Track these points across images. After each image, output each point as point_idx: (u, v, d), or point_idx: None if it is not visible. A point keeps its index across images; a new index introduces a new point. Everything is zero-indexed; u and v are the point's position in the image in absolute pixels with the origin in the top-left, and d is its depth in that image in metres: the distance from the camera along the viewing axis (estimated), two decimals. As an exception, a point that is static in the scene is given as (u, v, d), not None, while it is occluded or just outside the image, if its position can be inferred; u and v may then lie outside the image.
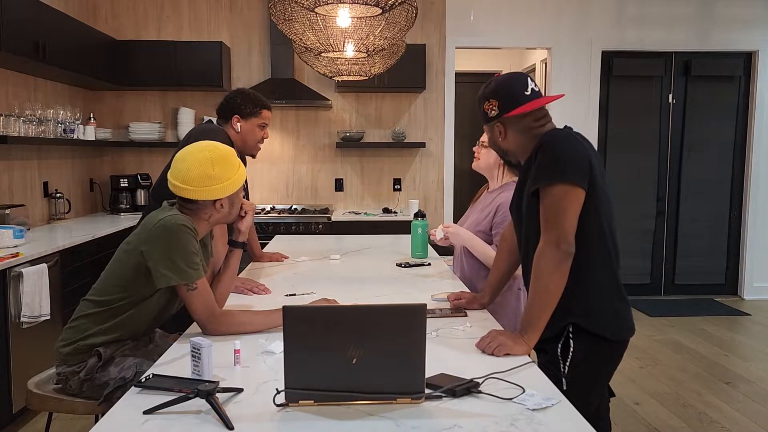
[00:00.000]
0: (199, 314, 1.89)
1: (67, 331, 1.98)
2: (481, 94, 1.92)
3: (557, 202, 1.74)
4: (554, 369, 1.83)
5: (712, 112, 6.08)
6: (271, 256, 3.20)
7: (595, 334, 1.80)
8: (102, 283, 1.97)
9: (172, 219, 1.87)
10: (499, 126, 1.89)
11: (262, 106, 2.84)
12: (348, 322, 1.39)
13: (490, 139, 1.98)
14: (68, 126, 4.61)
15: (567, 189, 1.73)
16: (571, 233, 1.74)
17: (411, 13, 2.65)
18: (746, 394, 3.80)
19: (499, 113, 1.87)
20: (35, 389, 2.04)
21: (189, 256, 1.86)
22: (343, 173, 5.88)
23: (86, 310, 1.96)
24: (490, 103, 1.88)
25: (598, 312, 1.81)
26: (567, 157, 1.75)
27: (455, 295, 2.29)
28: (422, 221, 3.18)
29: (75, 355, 1.95)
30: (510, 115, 1.85)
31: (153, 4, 5.59)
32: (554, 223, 1.74)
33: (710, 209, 6.18)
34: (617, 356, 1.89)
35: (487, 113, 1.90)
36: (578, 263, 1.77)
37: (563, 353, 1.82)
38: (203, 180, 1.90)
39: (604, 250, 1.82)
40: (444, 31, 5.78)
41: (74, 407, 1.99)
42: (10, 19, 3.57)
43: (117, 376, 1.91)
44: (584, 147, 1.80)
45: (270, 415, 1.36)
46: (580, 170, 1.74)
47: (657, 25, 5.90)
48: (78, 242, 3.86)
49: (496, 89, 1.88)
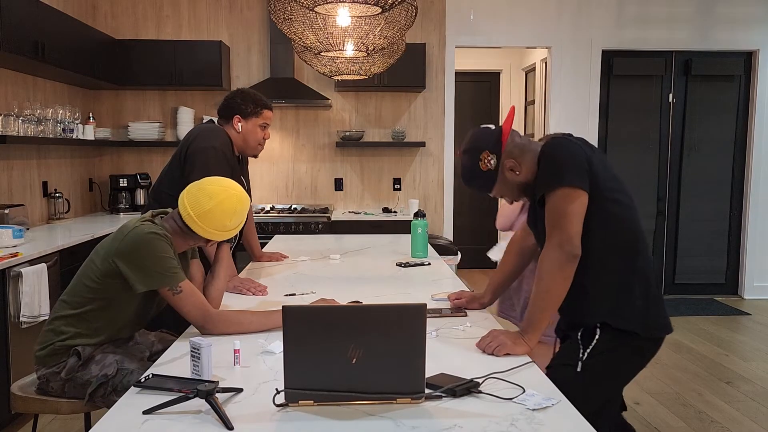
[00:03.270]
0: (192, 316, 1.88)
1: (44, 334, 1.97)
2: (469, 158, 1.89)
3: (559, 205, 1.76)
4: (572, 353, 1.83)
5: (713, 112, 6.08)
6: (270, 255, 3.20)
7: (623, 330, 1.80)
8: (74, 287, 1.97)
9: (143, 228, 1.88)
10: (508, 162, 1.87)
11: (263, 106, 2.83)
12: (348, 322, 1.38)
13: (508, 187, 1.92)
14: (67, 125, 4.60)
15: (567, 192, 1.75)
16: (574, 235, 1.75)
17: (411, 12, 2.65)
18: (746, 393, 3.80)
19: (497, 155, 1.86)
20: (18, 392, 2.03)
21: (164, 261, 1.85)
22: (342, 173, 5.88)
23: (61, 311, 1.96)
24: (482, 159, 1.87)
25: (624, 309, 1.81)
26: (565, 161, 1.78)
27: (455, 295, 2.29)
28: (422, 221, 3.17)
29: (52, 357, 1.94)
30: (504, 146, 1.85)
31: (152, 3, 5.58)
32: (557, 226, 1.76)
33: (710, 209, 6.17)
34: (647, 354, 1.88)
35: (490, 167, 1.87)
36: (593, 263, 1.78)
37: (586, 340, 1.82)
38: (218, 226, 1.94)
39: (619, 249, 1.82)
40: (444, 30, 5.77)
41: (58, 407, 1.98)
42: (10, 18, 3.56)
43: (99, 373, 1.90)
44: (582, 149, 1.81)
45: (270, 415, 1.35)
46: (578, 172, 1.76)
47: (657, 24, 5.89)
48: (77, 242, 3.86)
49: (475, 145, 1.88)
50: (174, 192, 2.70)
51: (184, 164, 2.68)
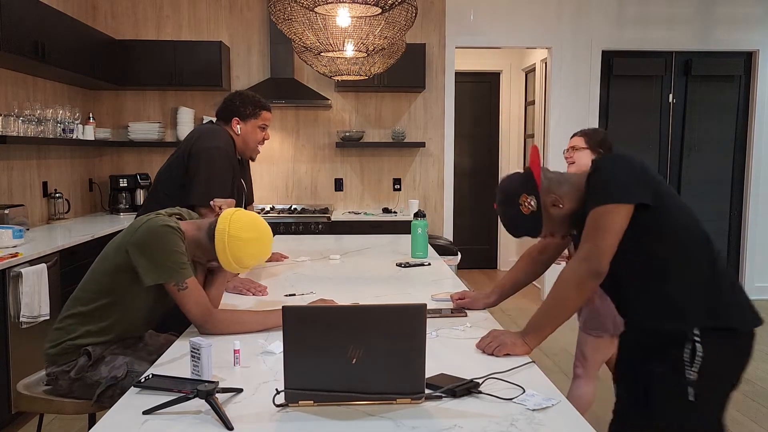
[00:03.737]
0: (193, 314, 1.88)
1: (55, 332, 1.97)
2: (511, 212, 1.83)
3: (597, 219, 1.72)
4: (676, 376, 1.72)
5: (713, 112, 6.08)
6: (272, 255, 3.20)
7: (725, 328, 1.72)
8: (88, 282, 1.97)
9: (158, 220, 1.88)
10: (548, 198, 1.82)
11: (262, 107, 2.84)
12: (348, 322, 1.38)
13: (557, 222, 1.86)
14: (67, 126, 4.60)
15: (610, 208, 1.70)
16: (604, 252, 1.70)
17: (411, 12, 2.65)
18: (746, 394, 3.80)
19: (535, 195, 1.80)
20: (24, 391, 2.03)
21: (175, 255, 1.85)
22: (342, 173, 5.88)
23: (73, 308, 1.96)
24: (522, 203, 1.81)
25: (718, 308, 1.74)
26: (615, 175, 1.74)
27: (458, 295, 2.29)
28: (422, 221, 3.17)
29: (63, 355, 1.94)
30: (539, 184, 1.81)
31: (152, 3, 5.58)
32: (590, 239, 1.72)
33: (710, 209, 6.17)
34: (747, 350, 1.80)
35: (533, 208, 1.81)
36: (675, 269, 1.73)
37: (690, 357, 1.71)
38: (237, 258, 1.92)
39: (697, 249, 1.76)
40: (444, 31, 5.77)
41: (63, 407, 1.98)
42: (10, 18, 3.57)
43: (108, 375, 1.91)
44: (636, 162, 1.76)
45: (269, 416, 1.35)
46: (627, 186, 1.71)
47: (657, 24, 5.89)
48: (77, 242, 3.86)
49: (511, 193, 1.83)
50: (172, 193, 2.69)
51: (188, 163, 2.68)
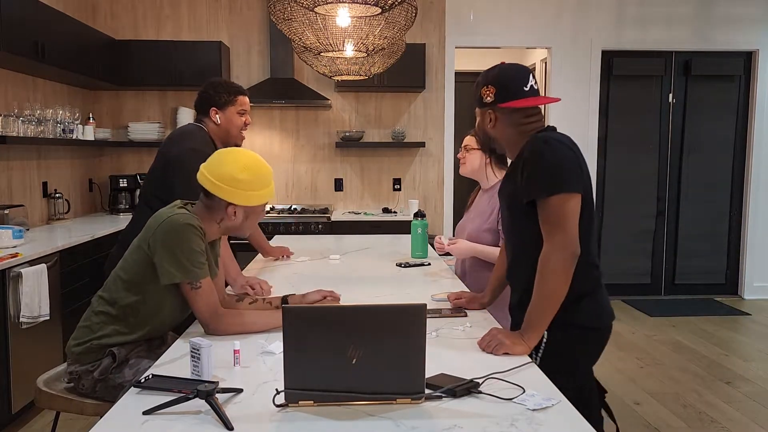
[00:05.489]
0: (202, 313, 1.89)
1: (80, 330, 1.97)
2: (482, 78, 1.93)
3: (559, 210, 1.75)
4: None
5: (712, 112, 6.08)
6: (280, 250, 3.25)
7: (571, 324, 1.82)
8: (110, 281, 1.98)
9: (179, 218, 1.88)
10: (491, 113, 1.91)
11: (237, 92, 2.83)
12: (348, 322, 1.38)
13: (479, 123, 1.98)
14: (67, 126, 4.60)
15: (566, 197, 1.75)
16: (575, 236, 1.75)
17: (411, 12, 2.65)
18: (746, 394, 3.80)
19: (494, 101, 1.88)
20: (44, 387, 2.01)
21: (194, 254, 1.86)
22: (342, 173, 5.88)
23: (98, 307, 1.97)
24: (488, 88, 1.89)
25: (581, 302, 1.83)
26: (562, 165, 1.77)
27: (455, 295, 2.30)
28: (422, 221, 3.17)
29: (88, 354, 1.94)
30: (504, 106, 1.87)
31: (152, 3, 5.58)
32: (560, 229, 1.75)
33: (710, 209, 6.17)
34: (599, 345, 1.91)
35: (483, 98, 1.91)
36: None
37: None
38: (227, 180, 1.91)
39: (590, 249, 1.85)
40: (444, 31, 5.77)
41: (84, 408, 1.97)
42: (9, 18, 3.56)
43: (132, 378, 1.89)
44: (573, 152, 1.82)
45: (270, 416, 1.35)
46: (575, 177, 1.78)
47: (657, 24, 5.89)
48: (77, 242, 3.86)
49: (498, 77, 1.89)
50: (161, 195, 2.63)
51: (165, 173, 2.63)
